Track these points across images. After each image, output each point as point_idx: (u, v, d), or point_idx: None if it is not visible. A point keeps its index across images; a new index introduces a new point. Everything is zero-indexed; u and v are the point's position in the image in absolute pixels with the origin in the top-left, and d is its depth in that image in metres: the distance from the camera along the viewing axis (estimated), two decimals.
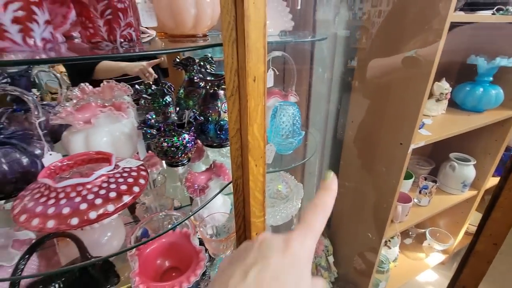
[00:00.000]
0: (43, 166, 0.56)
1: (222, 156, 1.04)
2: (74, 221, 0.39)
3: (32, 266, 0.61)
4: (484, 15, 0.98)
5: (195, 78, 0.66)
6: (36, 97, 0.69)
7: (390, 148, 0.99)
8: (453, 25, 0.74)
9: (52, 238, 0.53)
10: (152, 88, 1.03)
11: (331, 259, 1.49)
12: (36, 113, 0.54)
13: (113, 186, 0.44)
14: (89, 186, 0.42)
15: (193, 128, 0.61)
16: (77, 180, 0.41)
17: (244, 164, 0.53)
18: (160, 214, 0.66)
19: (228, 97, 0.49)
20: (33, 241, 0.64)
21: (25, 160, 0.53)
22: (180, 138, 0.62)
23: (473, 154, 1.43)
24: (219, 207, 0.87)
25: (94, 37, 0.43)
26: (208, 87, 0.68)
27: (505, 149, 1.38)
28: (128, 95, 0.81)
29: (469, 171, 1.40)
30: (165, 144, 0.62)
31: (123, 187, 0.45)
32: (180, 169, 1.07)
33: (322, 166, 0.95)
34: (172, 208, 0.80)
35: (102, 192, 0.42)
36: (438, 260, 1.69)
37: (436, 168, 1.52)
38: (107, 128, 0.60)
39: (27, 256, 0.47)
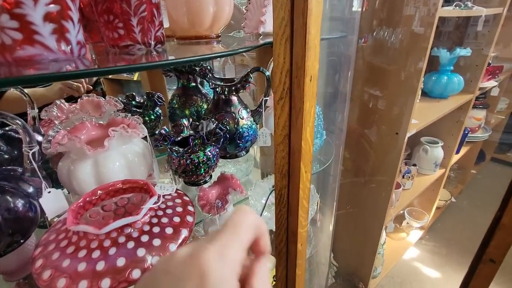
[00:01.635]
0: (41, 209, 0.44)
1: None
2: (136, 273, 0.30)
3: None
4: (448, 10, 1.09)
5: (210, 84, 0.59)
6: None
7: (386, 139, 1.03)
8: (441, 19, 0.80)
9: None
10: (137, 99, 0.91)
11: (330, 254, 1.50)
12: (28, 141, 0.42)
13: (164, 220, 0.36)
14: (138, 226, 0.34)
15: (222, 140, 0.54)
16: (125, 220, 0.32)
17: (292, 172, 0.49)
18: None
19: (276, 101, 0.44)
20: None
21: (20, 204, 0.41)
22: (206, 153, 0.55)
23: (439, 136, 1.59)
24: None
25: (123, 39, 0.34)
26: (225, 92, 0.62)
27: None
28: (117, 110, 0.71)
29: (438, 152, 1.55)
30: (189, 161, 0.54)
31: (176, 220, 0.37)
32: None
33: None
34: None
35: (156, 230, 0.34)
36: (417, 237, 1.84)
37: (409, 153, 1.66)
38: (119, 150, 0.50)
39: None
